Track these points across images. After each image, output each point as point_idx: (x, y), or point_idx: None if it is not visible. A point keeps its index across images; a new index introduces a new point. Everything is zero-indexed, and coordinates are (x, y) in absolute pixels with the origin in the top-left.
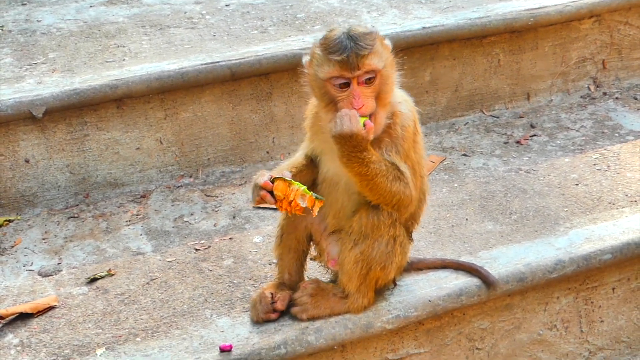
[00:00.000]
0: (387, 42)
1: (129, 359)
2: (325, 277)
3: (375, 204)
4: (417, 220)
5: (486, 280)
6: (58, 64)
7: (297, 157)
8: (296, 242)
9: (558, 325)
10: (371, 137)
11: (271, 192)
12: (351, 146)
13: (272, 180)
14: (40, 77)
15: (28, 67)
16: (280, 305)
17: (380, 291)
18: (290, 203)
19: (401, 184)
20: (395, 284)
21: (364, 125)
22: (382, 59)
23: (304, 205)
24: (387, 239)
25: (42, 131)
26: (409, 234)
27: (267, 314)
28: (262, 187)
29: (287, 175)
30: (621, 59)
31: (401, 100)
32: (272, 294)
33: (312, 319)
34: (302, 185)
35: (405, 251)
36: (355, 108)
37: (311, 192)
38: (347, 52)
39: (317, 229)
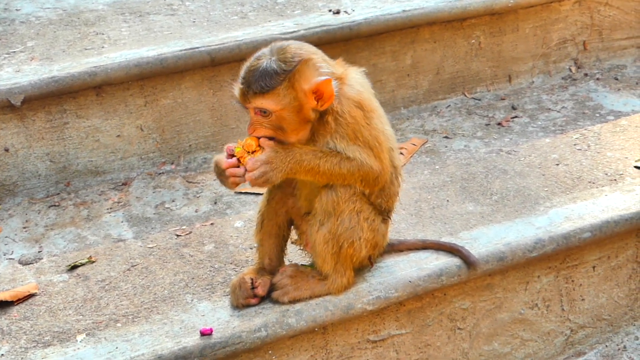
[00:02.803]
0: (318, 79)
1: (109, 344)
2: (306, 262)
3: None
4: (390, 197)
5: (467, 260)
6: (37, 52)
7: None
8: (277, 228)
9: (539, 304)
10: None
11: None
12: (279, 170)
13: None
14: (19, 65)
15: (6, 55)
16: (261, 291)
17: (360, 272)
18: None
19: (352, 163)
20: (372, 264)
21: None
22: (278, 102)
23: (257, 149)
24: (348, 214)
25: (21, 120)
26: (384, 212)
27: (247, 299)
28: (218, 164)
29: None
30: (602, 40)
31: (347, 86)
32: (252, 279)
33: (294, 301)
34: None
35: (375, 228)
36: (248, 132)
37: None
38: (243, 85)
39: (297, 213)
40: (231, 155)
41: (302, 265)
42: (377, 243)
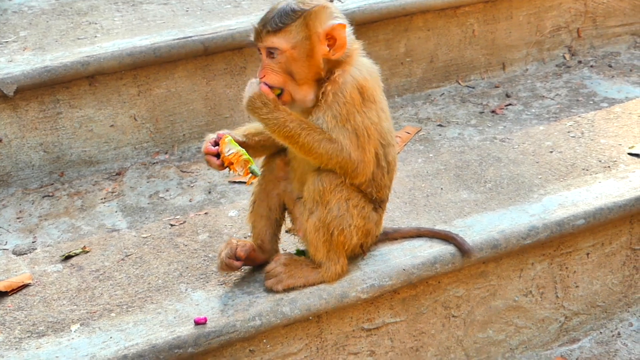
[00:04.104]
0: (333, 22)
1: (103, 334)
2: (302, 247)
3: (323, 168)
4: (381, 189)
5: (462, 248)
6: (29, 42)
7: None
8: (268, 209)
9: (533, 292)
10: (271, 97)
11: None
12: (255, 109)
13: (218, 141)
14: (12, 55)
15: None
16: (241, 252)
17: (354, 260)
18: (231, 164)
19: (333, 145)
20: (364, 252)
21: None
22: (290, 40)
23: (241, 174)
24: (337, 203)
25: (14, 110)
26: (375, 201)
27: (230, 259)
28: (204, 152)
29: (233, 135)
30: (596, 27)
31: (355, 68)
32: (237, 241)
33: (287, 289)
34: (246, 153)
35: (365, 215)
36: (259, 76)
37: (253, 164)
38: (259, 25)
39: (290, 197)
40: (215, 144)
41: (297, 250)
42: (368, 231)
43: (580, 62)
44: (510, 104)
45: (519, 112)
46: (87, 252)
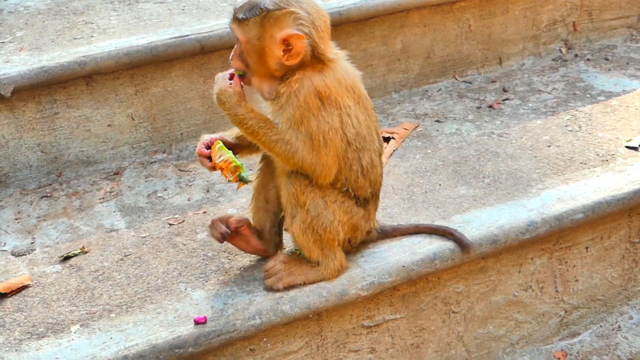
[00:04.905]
0: (291, 30)
1: (103, 334)
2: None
3: (290, 169)
4: (358, 189)
5: (461, 243)
6: (26, 43)
7: None
8: (265, 202)
9: (533, 286)
10: (233, 91)
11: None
12: (220, 104)
13: (210, 145)
14: (8, 56)
15: None
16: (232, 221)
17: (353, 257)
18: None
19: (287, 147)
20: (352, 248)
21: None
22: (245, 33)
23: (230, 180)
24: (312, 202)
25: (11, 110)
26: (356, 198)
27: (218, 222)
28: (197, 154)
29: (225, 139)
30: (592, 20)
31: (321, 74)
32: (235, 215)
33: (288, 287)
34: (235, 160)
35: (347, 209)
36: (230, 59)
37: (243, 170)
38: (235, 10)
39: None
40: (208, 146)
41: (296, 248)
42: (355, 225)
43: (576, 55)
44: (507, 99)
45: (516, 106)
46: (86, 252)
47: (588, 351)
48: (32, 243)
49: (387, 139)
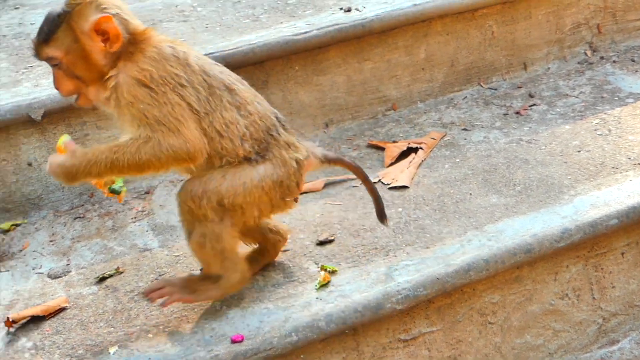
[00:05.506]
0: (95, 16)
1: (141, 355)
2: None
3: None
4: (231, 151)
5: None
6: None
7: None
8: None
9: (569, 294)
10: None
11: None
12: (61, 178)
13: None
14: (37, 80)
15: (24, 70)
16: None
17: (387, 271)
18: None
19: (150, 145)
20: (296, 200)
21: (63, 146)
22: (60, 47)
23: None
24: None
25: (42, 134)
26: (246, 160)
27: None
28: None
29: None
30: (616, 22)
31: (134, 64)
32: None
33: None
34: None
35: (247, 182)
36: (55, 87)
37: (116, 183)
38: (35, 36)
39: None
40: None
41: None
42: (274, 183)
43: (602, 58)
44: (534, 104)
45: (543, 112)
46: (121, 272)
47: (628, 358)
48: (67, 265)
49: (414, 149)
